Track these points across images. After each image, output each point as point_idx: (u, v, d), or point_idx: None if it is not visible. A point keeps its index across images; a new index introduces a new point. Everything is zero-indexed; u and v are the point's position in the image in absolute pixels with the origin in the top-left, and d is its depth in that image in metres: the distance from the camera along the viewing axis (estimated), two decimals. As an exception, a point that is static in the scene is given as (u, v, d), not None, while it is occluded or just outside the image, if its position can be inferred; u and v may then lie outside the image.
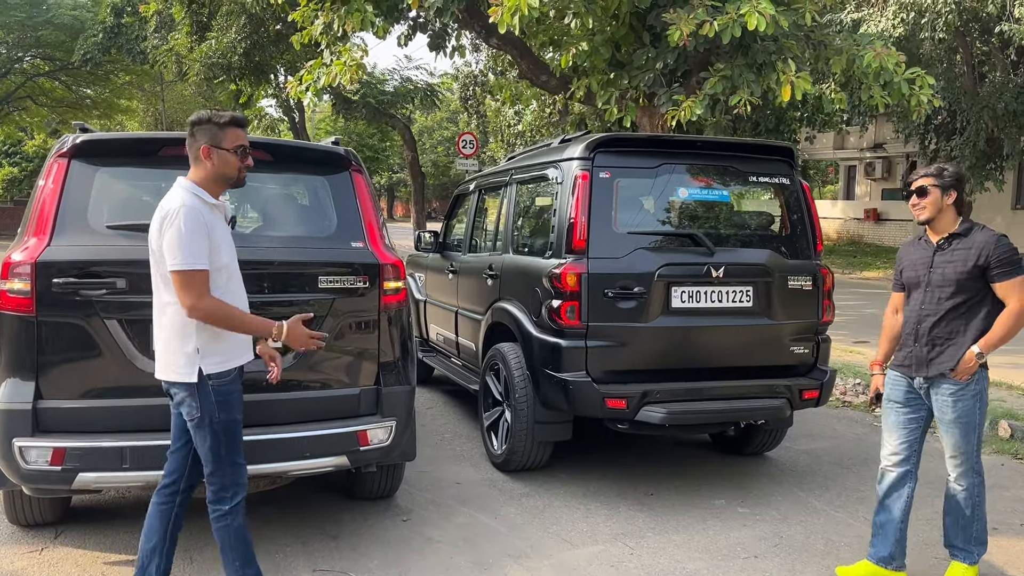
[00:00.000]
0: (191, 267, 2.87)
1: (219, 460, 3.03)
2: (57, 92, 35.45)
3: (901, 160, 28.53)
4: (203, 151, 2.99)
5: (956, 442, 3.57)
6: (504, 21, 8.06)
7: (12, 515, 4.04)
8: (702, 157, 4.96)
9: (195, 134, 3.02)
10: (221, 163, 3.01)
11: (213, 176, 3.02)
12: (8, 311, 3.44)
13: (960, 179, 3.60)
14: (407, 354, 4.06)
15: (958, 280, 3.48)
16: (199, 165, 3.03)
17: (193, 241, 2.87)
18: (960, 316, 3.51)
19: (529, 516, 4.47)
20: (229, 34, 15.64)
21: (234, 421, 3.05)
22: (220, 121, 3.01)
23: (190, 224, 2.87)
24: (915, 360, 3.62)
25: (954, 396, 3.52)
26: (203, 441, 3.01)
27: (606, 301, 4.53)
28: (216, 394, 2.98)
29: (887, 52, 8.86)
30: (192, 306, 2.88)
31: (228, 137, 3.01)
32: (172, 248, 2.86)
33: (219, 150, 3.00)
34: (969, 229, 3.56)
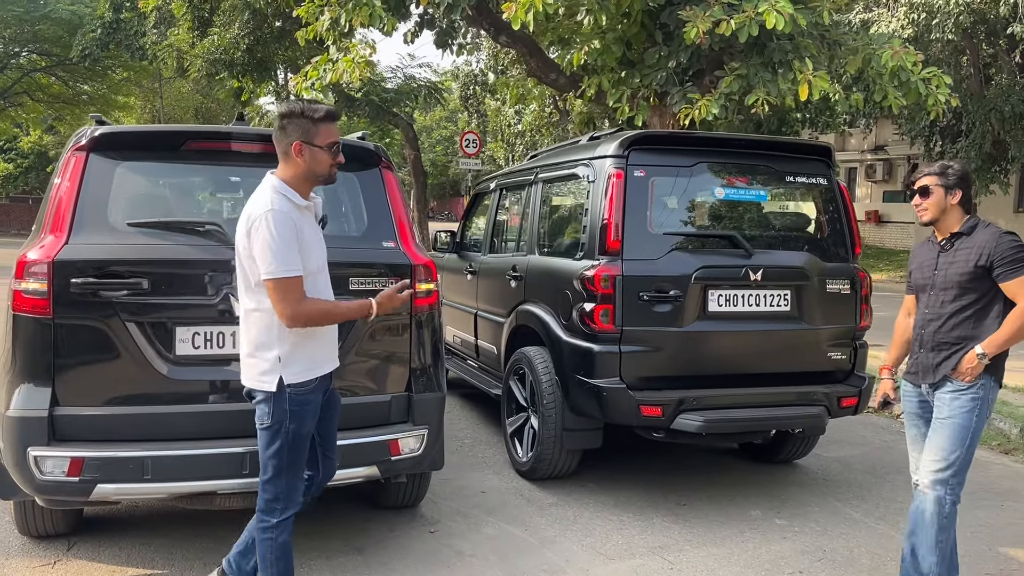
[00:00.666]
0: (285, 275, 2.72)
1: (278, 471, 2.90)
2: (54, 88, 35.18)
3: (903, 162, 28.46)
4: (295, 148, 2.81)
5: (943, 444, 3.26)
6: (517, 18, 7.91)
7: (23, 526, 3.86)
8: (738, 156, 4.79)
9: (286, 128, 2.84)
10: (313, 161, 2.83)
11: (303, 174, 2.85)
12: (23, 312, 3.25)
13: (965, 177, 3.37)
14: (438, 359, 3.89)
15: (960, 282, 3.28)
16: (289, 162, 2.85)
17: (284, 247, 2.72)
18: (967, 320, 3.28)
19: (561, 528, 4.30)
20: (232, 30, 15.41)
21: (303, 436, 2.92)
22: (314, 116, 2.82)
23: (279, 229, 2.72)
24: (921, 367, 3.42)
25: (951, 395, 3.29)
26: (266, 447, 2.89)
27: (641, 304, 4.36)
28: (292, 403, 2.86)
29: (905, 51, 8.72)
30: (291, 315, 2.75)
31: (322, 133, 2.83)
32: (263, 256, 2.72)
33: (312, 147, 2.82)
34: (973, 227, 3.33)
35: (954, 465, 3.25)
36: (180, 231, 3.49)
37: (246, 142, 3.79)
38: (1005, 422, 6.30)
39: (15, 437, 3.19)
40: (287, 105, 2.90)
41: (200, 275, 3.41)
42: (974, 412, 3.26)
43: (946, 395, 3.30)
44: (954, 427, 3.26)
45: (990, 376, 3.28)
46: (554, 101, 23.39)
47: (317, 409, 2.97)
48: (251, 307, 2.86)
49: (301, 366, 2.87)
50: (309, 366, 2.90)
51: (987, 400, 3.28)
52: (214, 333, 3.43)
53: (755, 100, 8.39)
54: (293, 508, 2.97)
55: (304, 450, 2.96)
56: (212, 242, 3.46)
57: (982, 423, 3.29)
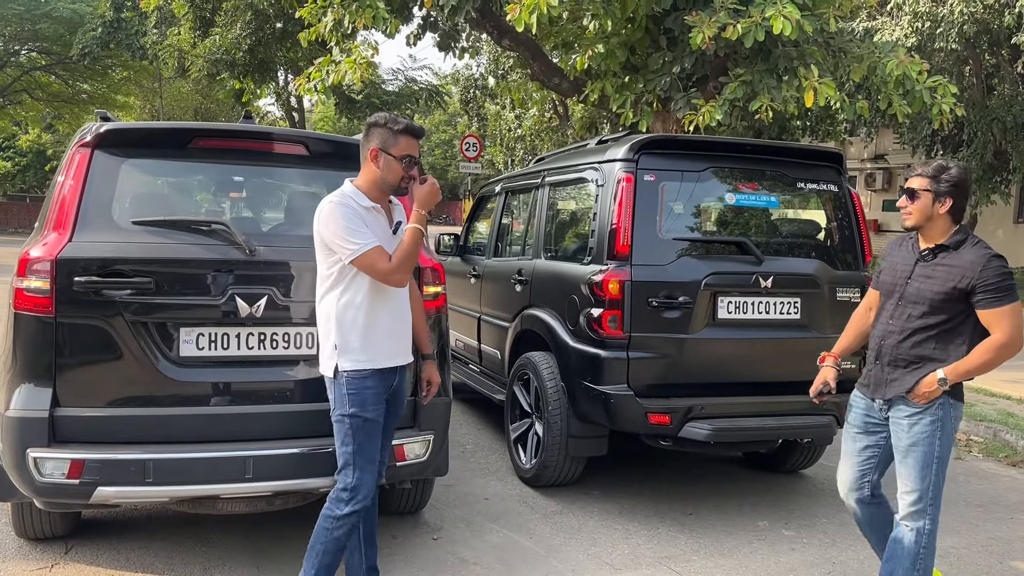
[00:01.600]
0: (363, 249, 2.87)
1: (346, 460, 3.00)
2: (53, 87, 35.12)
3: (902, 171, 28.50)
4: (371, 153, 2.99)
5: (911, 474, 3.08)
6: (521, 20, 7.86)
7: (20, 528, 3.79)
8: (750, 161, 4.73)
9: (369, 135, 3.02)
10: (386, 168, 2.99)
11: (376, 180, 3.01)
12: (25, 311, 3.19)
13: (960, 185, 3.04)
14: (445, 362, 3.83)
15: (932, 300, 3.01)
16: (366, 167, 3.03)
17: (351, 226, 2.88)
18: (931, 339, 3.04)
19: (566, 536, 4.24)
20: (233, 30, 15.39)
21: (367, 421, 3.00)
22: (396, 128, 2.99)
23: (342, 213, 2.89)
24: (874, 380, 3.21)
25: (910, 419, 3.07)
26: (337, 436, 3.02)
27: (650, 310, 4.30)
28: (348, 387, 2.97)
29: (910, 60, 8.70)
30: (391, 277, 2.93)
31: (399, 144, 2.99)
32: (337, 242, 2.89)
33: (386, 155, 2.98)
34: (960, 242, 3.04)
35: (927, 495, 3.08)
36: (185, 230, 3.43)
37: (254, 141, 3.74)
38: (1012, 434, 6.25)
39: (14, 438, 3.13)
40: (375, 115, 3.06)
41: (205, 275, 3.35)
42: (936, 435, 3.05)
43: (903, 420, 3.09)
44: (918, 456, 3.06)
45: (947, 395, 3.04)
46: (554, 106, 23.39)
47: (379, 398, 3.04)
48: (318, 296, 3.05)
49: (356, 355, 2.98)
50: (365, 356, 3.00)
51: (948, 419, 3.06)
52: (218, 334, 3.37)
53: (759, 106, 8.36)
54: (361, 503, 3.01)
55: (374, 440, 3.04)
56: (218, 241, 3.40)
57: (948, 444, 3.09)
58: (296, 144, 3.75)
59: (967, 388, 7.57)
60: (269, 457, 3.30)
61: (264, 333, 3.41)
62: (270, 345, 3.42)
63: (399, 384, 3.20)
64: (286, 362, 3.46)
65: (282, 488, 3.38)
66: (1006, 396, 7.49)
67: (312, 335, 3.45)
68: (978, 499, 5.09)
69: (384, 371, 3.06)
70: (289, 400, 3.47)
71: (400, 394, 3.25)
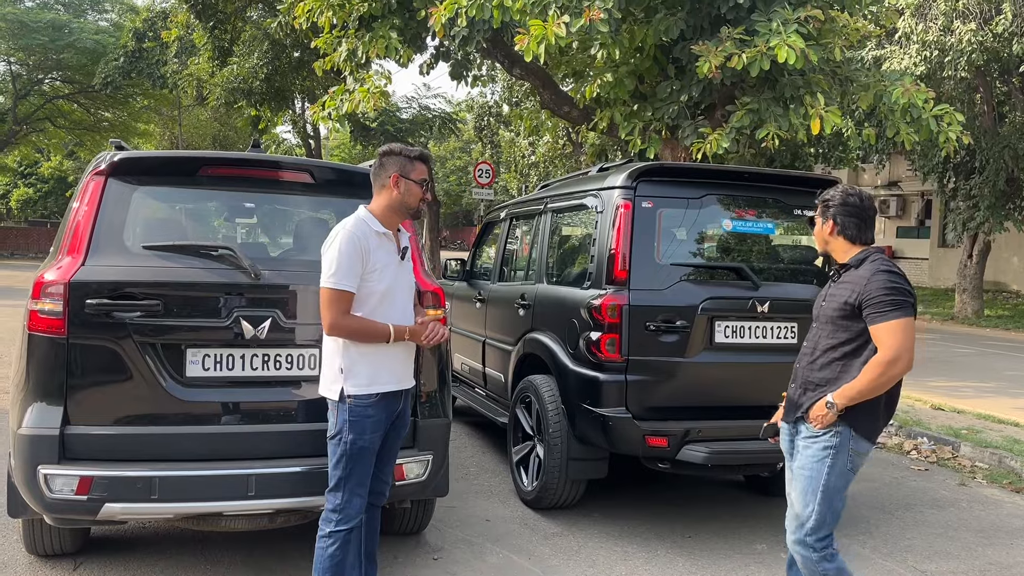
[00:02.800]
0: (337, 287, 3.01)
1: (339, 482, 3.11)
2: (75, 114, 35.82)
3: (916, 198, 28.46)
4: (392, 179, 3.15)
5: (794, 498, 3.07)
6: (530, 50, 8.01)
7: (31, 545, 3.88)
8: (747, 188, 4.83)
9: (384, 164, 3.18)
10: (407, 192, 3.16)
11: (396, 204, 3.17)
12: (39, 332, 3.31)
13: (844, 204, 3.07)
14: (444, 384, 3.92)
15: (833, 318, 3.02)
16: (383, 193, 3.18)
17: (347, 263, 3.01)
18: (835, 361, 3.00)
19: (564, 557, 4.29)
20: (251, 59, 15.70)
21: (364, 449, 3.10)
22: (411, 155, 3.20)
23: (347, 247, 3.02)
24: (787, 402, 3.20)
25: (804, 442, 3.05)
26: (331, 457, 3.12)
27: (647, 334, 4.38)
28: (351, 413, 3.07)
29: (916, 88, 8.79)
30: (332, 324, 3.03)
31: (416, 169, 3.18)
32: (327, 266, 3.04)
33: (407, 180, 3.16)
34: (861, 260, 3.04)
35: (808, 522, 3.01)
36: (194, 254, 3.55)
37: (260, 169, 3.87)
38: (1017, 460, 6.24)
39: (26, 455, 3.23)
40: (386, 145, 3.26)
41: (213, 298, 3.47)
42: (825, 462, 2.98)
43: (800, 441, 3.10)
44: (803, 479, 3.03)
45: (848, 426, 2.97)
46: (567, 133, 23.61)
47: (379, 425, 3.14)
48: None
49: (361, 379, 3.09)
50: (371, 380, 3.10)
51: (843, 450, 2.98)
52: (224, 355, 3.48)
53: (766, 134, 8.46)
54: (348, 523, 3.12)
55: (366, 465, 3.14)
56: (225, 266, 3.52)
57: (839, 476, 3.00)
58: (301, 172, 3.89)
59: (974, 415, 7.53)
60: (271, 475, 3.39)
61: (268, 355, 3.52)
62: (273, 366, 3.53)
63: (403, 408, 3.30)
64: (289, 383, 3.57)
65: (283, 506, 3.46)
66: (1014, 423, 7.47)
67: (314, 357, 3.56)
68: (979, 525, 5.09)
69: (388, 395, 3.16)
70: (292, 420, 3.56)
71: (404, 417, 3.34)
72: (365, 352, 3.09)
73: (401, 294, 3.23)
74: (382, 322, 3.09)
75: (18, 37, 29.39)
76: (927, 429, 7.16)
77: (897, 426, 7.33)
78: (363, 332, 3.07)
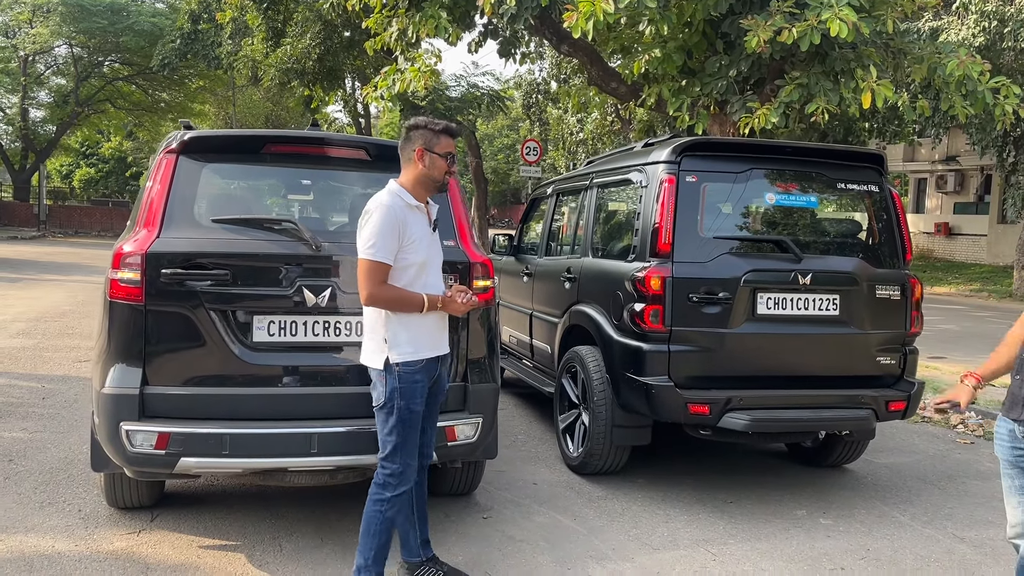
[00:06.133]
0: (375, 258, 3.12)
1: (395, 448, 3.23)
2: (134, 96, 36.80)
3: (975, 173, 27.72)
4: (418, 152, 3.25)
5: None
6: (578, 27, 8.08)
7: (112, 498, 4.20)
8: (790, 163, 4.90)
9: (411, 137, 3.29)
10: (431, 165, 3.27)
11: (422, 177, 3.28)
12: (119, 299, 3.58)
13: None
14: (493, 352, 4.10)
15: None
16: (410, 167, 3.29)
17: (385, 236, 3.12)
18: None
19: (608, 519, 4.47)
20: (304, 40, 16.01)
21: (414, 413, 3.24)
22: (436, 128, 3.29)
23: (385, 220, 3.13)
24: (1011, 398, 2.82)
25: None
26: (383, 425, 3.26)
27: (690, 306, 4.51)
28: (401, 380, 3.20)
29: (971, 60, 8.63)
30: (370, 294, 3.15)
31: (441, 143, 3.28)
32: (366, 238, 3.14)
33: (431, 154, 3.26)
34: None
35: None
36: (259, 227, 3.78)
37: (320, 146, 4.08)
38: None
39: (109, 412, 3.51)
40: (412, 120, 3.34)
41: (276, 268, 3.69)
42: None
43: None
44: None
45: None
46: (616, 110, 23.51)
47: (424, 389, 3.29)
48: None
49: (406, 347, 3.22)
50: (414, 348, 3.24)
51: None
52: (287, 322, 3.70)
53: (815, 109, 8.42)
54: (406, 485, 3.28)
55: (417, 428, 3.30)
56: (288, 238, 3.74)
57: None
58: (358, 149, 4.09)
59: None
60: (332, 434, 3.62)
61: (328, 321, 3.74)
62: (333, 332, 3.75)
63: (441, 373, 3.47)
64: (347, 347, 3.78)
65: (344, 463, 3.70)
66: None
67: (370, 324, 3.77)
68: None
69: (429, 361, 3.32)
70: (350, 382, 3.78)
71: (442, 382, 3.50)
72: (406, 322, 3.23)
73: (434, 265, 3.37)
74: (418, 292, 3.23)
75: (79, 21, 30.27)
76: (975, 403, 7.14)
77: (945, 401, 7.31)
78: (400, 301, 3.20)
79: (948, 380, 8.22)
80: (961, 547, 4.25)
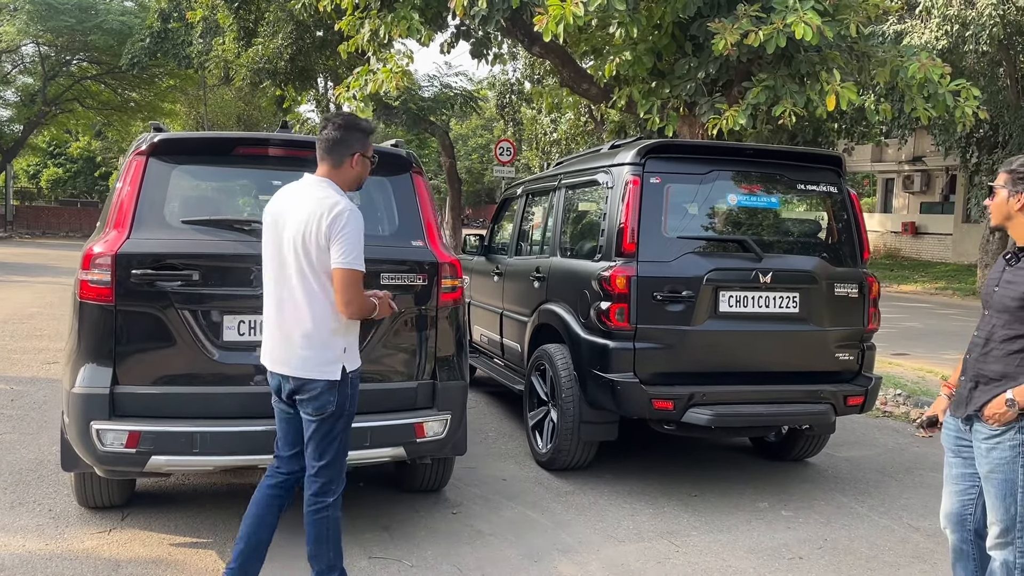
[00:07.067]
0: (358, 267, 3.01)
1: (338, 453, 3.16)
2: (103, 95, 36.33)
3: (941, 173, 28.24)
4: (355, 158, 3.14)
5: (993, 503, 2.85)
6: (548, 30, 8.17)
7: (82, 497, 4.22)
8: (751, 164, 5.03)
9: (348, 141, 3.11)
10: (362, 169, 3.19)
11: (351, 180, 3.17)
12: (89, 300, 3.61)
13: None
14: (462, 350, 4.19)
15: (1010, 307, 2.79)
16: (342, 169, 3.13)
17: (360, 243, 3.02)
18: (1014, 354, 2.78)
19: (575, 513, 4.56)
20: (276, 40, 15.96)
21: (353, 416, 3.22)
22: (369, 129, 3.20)
23: (359, 225, 3.02)
24: (957, 397, 2.99)
25: (987, 443, 2.83)
26: (327, 434, 3.11)
27: (655, 304, 4.62)
28: (352, 387, 3.15)
29: (932, 63, 8.84)
30: (350, 303, 2.99)
31: (370, 145, 3.22)
32: (346, 246, 2.96)
33: (365, 158, 3.19)
34: None
35: (1014, 525, 2.82)
36: (228, 228, 3.83)
37: (289, 148, 4.13)
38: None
39: (80, 412, 3.54)
40: (343, 118, 3.16)
41: (246, 268, 3.74)
42: (1017, 462, 2.78)
43: (981, 444, 2.86)
44: (999, 484, 2.82)
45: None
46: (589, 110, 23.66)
47: None
48: (304, 297, 3.04)
49: (356, 354, 3.20)
50: (358, 355, 3.23)
51: None
52: (257, 321, 3.74)
53: (782, 111, 8.58)
54: (343, 485, 3.23)
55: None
56: (257, 239, 3.76)
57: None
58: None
59: None
60: (301, 431, 3.68)
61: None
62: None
63: None
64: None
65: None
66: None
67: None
68: None
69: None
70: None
71: None
72: (355, 328, 3.18)
73: None
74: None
75: (46, 19, 29.85)
76: (934, 399, 7.32)
77: (906, 395, 7.51)
78: (370, 308, 3.12)
79: (910, 376, 8.43)
80: (915, 536, 4.40)
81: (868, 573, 3.93)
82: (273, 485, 3.27)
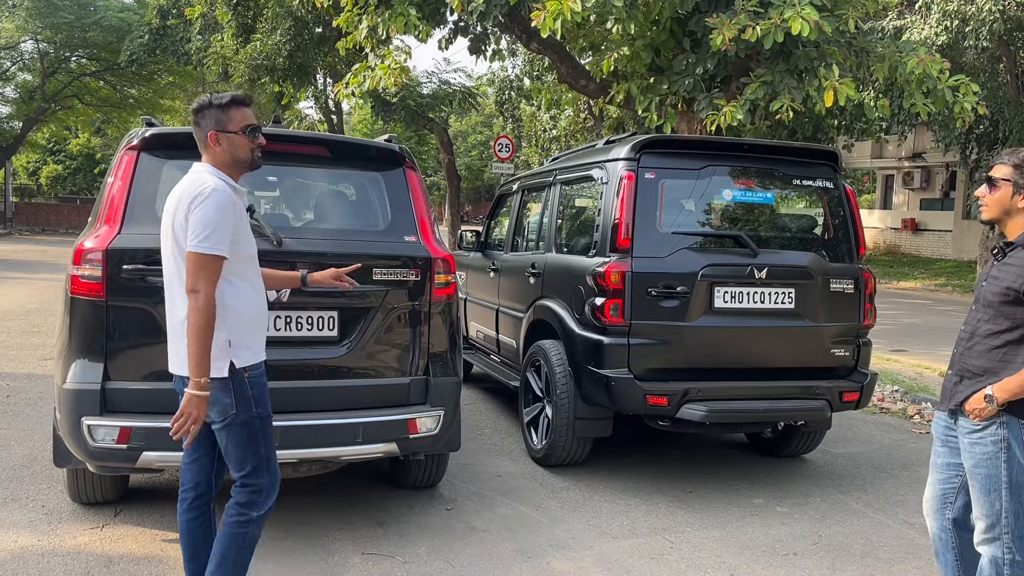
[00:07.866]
0: (213, 252, 2.68)
1: (259, 460, 2.86)
2: (103, 92, 36.29)
3: (941, 170, 28.21)
4: (211, 137, 2.81)
5: (977, 498, 2.85)
6: (546, 26, 8.16)
7: (75, 493, 4.21)
8: (747, 159, 5.02)
9: (199, 122, 2.84)
10: (231, 146, 2.83)
11: (227, 161, 2.84)
12: (80, 295, 3.59)
13: None
14: (455, 346, 4.17)
15: (993, 302, 2.78)
16: (208, 151, 2.84)
17: (222, 226, 2.69)
18: (996, 349, 2.77)
19: (569, 509, 4.55)
20: (274, 36, 15.95)
21: (269, 417, 2.92)
22: (222, 103, 2.82)
23: (222, 207, 2.70)
24: (944, 389, 2.99)
25: (970, 438, 2.83)
26: (239, 441, 2.82)
27: (649, 300, 4.60)
28: (253, 387, 2.84)
29: (931, 59, 8.82)
30: (195, 291, 2.66)
31: (234, 119, 2.82)
32: (199, 228, 2.66)
33: (226, 134, 2.81)
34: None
35: (999, 521, 2.81)
36: (220, 223, 3.79)
37: (281, 143, 4.11)
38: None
39: (71, 407, 3.53)
40: (196, 101, 2.89)
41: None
42: (1000, 457, 2.77)
43: (964, 437, 2.86)
44: (983, 479, 2.81)
45: (1012, 415, 2.76)
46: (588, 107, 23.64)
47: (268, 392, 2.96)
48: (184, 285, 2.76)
49: (250, 349, 2.85)
50: (255, 350, 2.89)
51: (1017, 439, 2.76)
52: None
53: (780, 106, 8.56)
54: (272, 500, 2.93)
55: (271, 433, 2.95)
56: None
57: (1019, 468, 2.78)
58: (318, 146, 4.13)
59: None
60: (295, 427, 3.67)
61: (290, 316, 3.79)
62: (295, 327, 3.80)
63: None
64: (308, 343, 3.83)
65: (306, 456, 3.75)
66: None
67: (333, 319, 3.82)
68: None
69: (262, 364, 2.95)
70: (312, 376, 3.83)
71: None
72: (251, 317, 2.87)
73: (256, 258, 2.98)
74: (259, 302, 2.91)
75: (45, 16, 29.81)
76: (932, 395, 7.32)
77: (903, 392, 7.50)
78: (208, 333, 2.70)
79: (908, 373, 8.42)
80: (910, 532, 4.39)
81: (863, 569, 3.92)
82: (187, 511, 3.02)
